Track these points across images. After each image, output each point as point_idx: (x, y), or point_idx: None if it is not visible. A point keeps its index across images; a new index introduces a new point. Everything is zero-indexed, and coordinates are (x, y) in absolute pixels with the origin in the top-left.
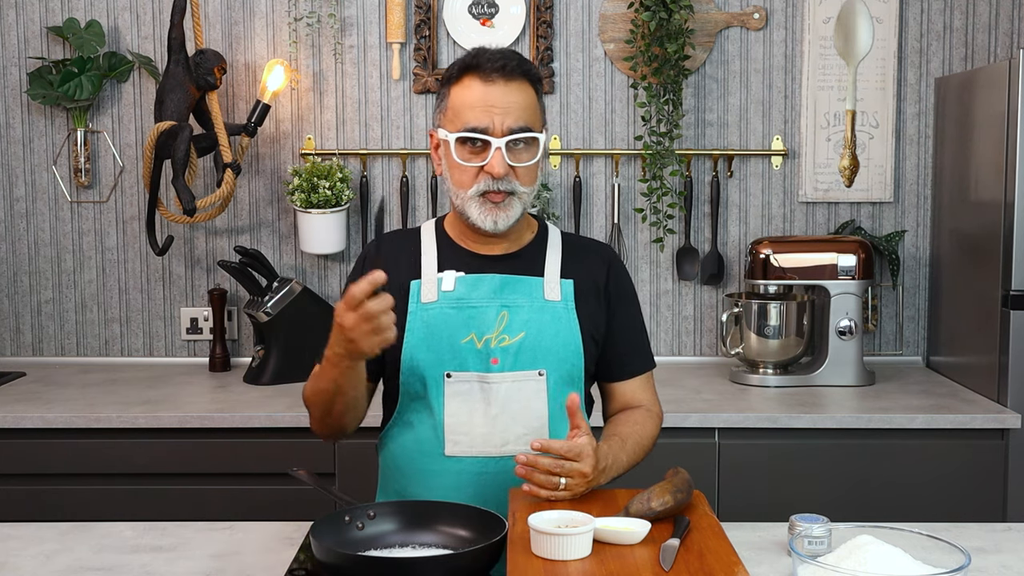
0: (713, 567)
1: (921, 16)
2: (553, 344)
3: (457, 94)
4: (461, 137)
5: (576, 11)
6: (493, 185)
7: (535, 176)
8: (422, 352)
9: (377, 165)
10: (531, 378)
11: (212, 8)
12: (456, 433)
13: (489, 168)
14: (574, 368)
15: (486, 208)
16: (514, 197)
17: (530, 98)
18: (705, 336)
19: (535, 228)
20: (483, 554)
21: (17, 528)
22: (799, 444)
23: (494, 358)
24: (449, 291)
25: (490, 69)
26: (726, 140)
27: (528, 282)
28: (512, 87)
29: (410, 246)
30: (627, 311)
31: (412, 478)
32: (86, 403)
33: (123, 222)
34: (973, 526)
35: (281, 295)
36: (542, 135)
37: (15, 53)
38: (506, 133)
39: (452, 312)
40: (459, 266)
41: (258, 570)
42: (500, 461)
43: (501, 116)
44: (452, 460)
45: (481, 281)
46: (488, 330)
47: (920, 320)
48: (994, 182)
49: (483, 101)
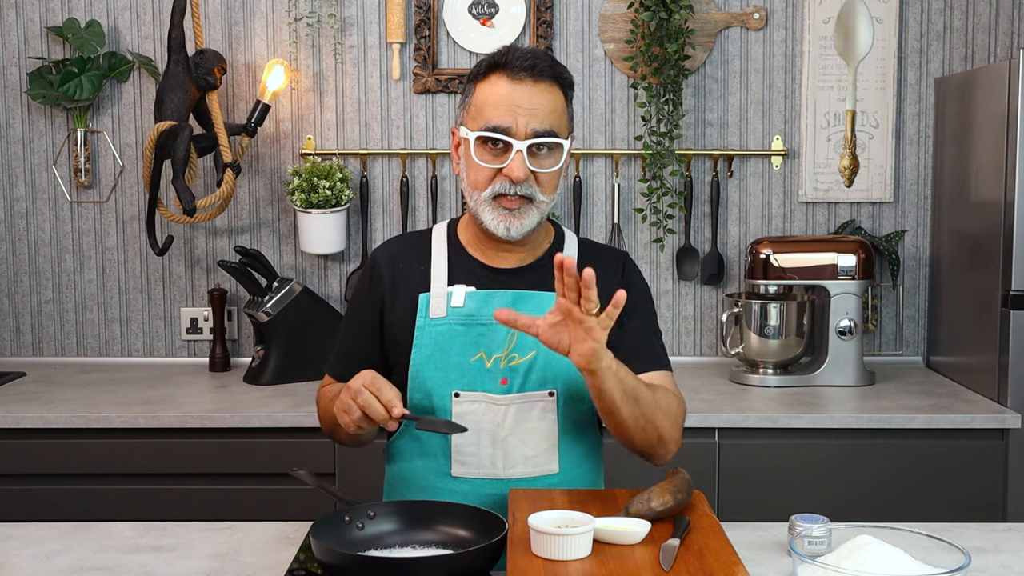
0: (713, 567)
1: (921, 16)
2: (564, 363)
3: (482, 91)
4: (482, 136)
5: (576, 11)
6: (510, 189)
7: (556, 184)
8: (429, 370)
9: (377, 165)
10: (541, 399)
11: (212, 8)
12: (463, 454)
13: (508, 171)
14: (584, 386)
15: (500, 214)
16: (531, 205)
17: (558, 102)
18: (705, 336)
19: (552, 237)
20: (483, 554)
21: (17, 528)
22: (799, 444)
23: (503, 378)
24: (459, 307)
25: (518, 67)
26: (726, 140)
27: (539, 298)
28: (540, 88)
29: (420, 254)
30: (638, 314)
31: (419, 494)
32: (86, 403)
33: (123, 222)
34: (973, 526)
35: (281, 295)
36: (567, 141)
37: (15, 53)
38: (529, 136)
39: (461, 329)
40: (470, 279)
41: (258, 570)
42: (508, 483)
43: (526, 117)
44: (459, 481)
45: (492, 297)
46: (498, 349)
47: (920, 320)
48: (994, 182)
49: (508, 100)
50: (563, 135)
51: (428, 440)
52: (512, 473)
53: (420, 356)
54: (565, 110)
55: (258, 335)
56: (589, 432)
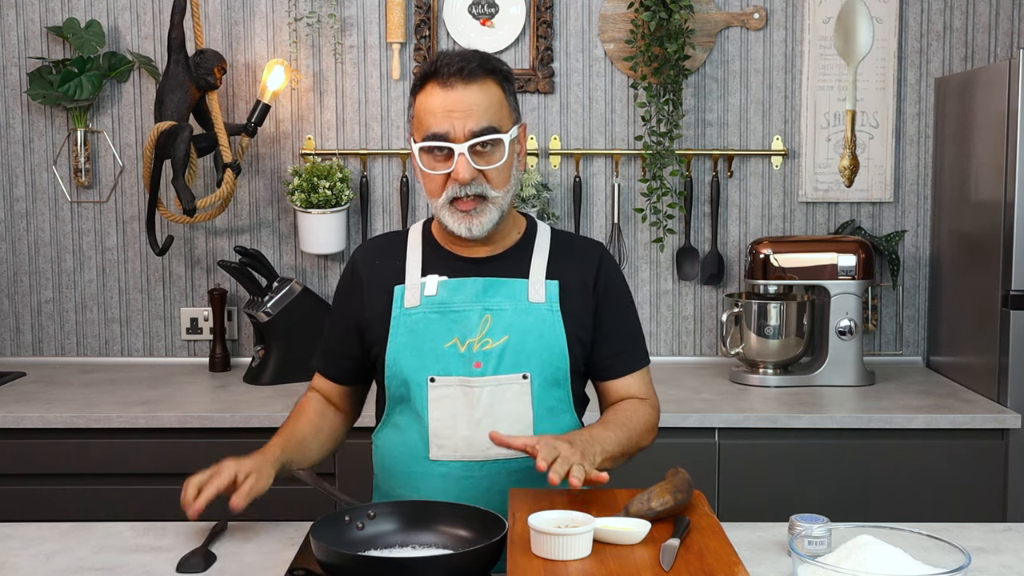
0: (713, 567)
1: (921, 16)
2: (537, 346)
3: (420, 103)
4: (424, 146)
5: (576, 11)
6: (461, 191)
7: (508, 176)
8: (405, 357)
9: (377, 165)
10: (515, 381)
11: (212, 8)
12: (440, 437)
13: (454, 175)
14: (558, 370)
15: (458, 216)
16: (486, 202)
17: (493, 96)
18: (705, 336)
19: (522, 227)
20: (483, 554)
21: (17, 528)
22: (799, 444)
23: (477, 362)
24: (432, 296)
25: (447, 74)
26: (726, 140)
27: (512, 284)
28: (472, 89)
29: (396, 250)
30: (617, 308)
31: (400, 480)
32: (86, 403)
33: (123, 222)
34: (973, 526)
35: (281, 295)
36: (509, 134)
37: (15, 53)
38: (468, 137)
39: (435, 317)
40: (442, 270)
41: (258, 570)
42: (485, 465)
43: (462, 120)
44: (437, 464)
45: (463, 285)
46: (471, 334)
47: (920, 320)
48: (994, 182)
49: (443, 107)
50: (504, 128)
51: (406, 426)
52: (489, 455)
53: (396, 345)
54: (504, 102)
55: (258, 335)
56: (565, 417)
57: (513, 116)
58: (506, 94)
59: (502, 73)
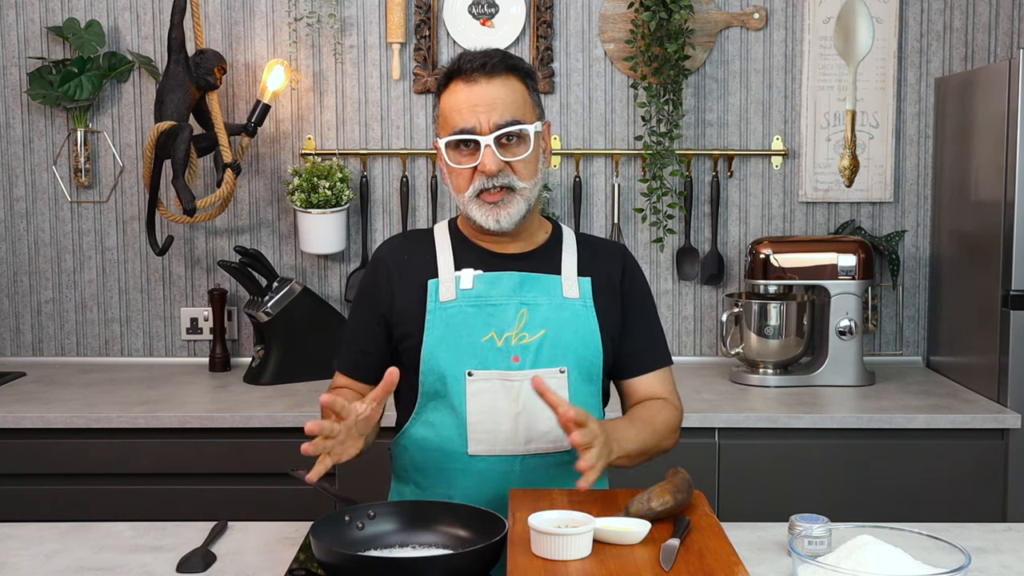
0: (713, 567)
1: (921, 16)
2: (573, 341)
3: (445, 100)
4: (451, 141)
5: (576, 11)
6: (488, 183)
7: (534, 169)
8: (442, 351)
9: (377, 165)
10: (552, 375)
11: (212, 8)
12: (479, 432)
13: (481, 167)
14: (593, 366)
15: (485, 208)
16: (514, 193)
17: (517, 91)
18: (705, 336)
19: (549, 229)
20: (483, 554)
21: (17, 528)
22: (799, 444)
23: (515, 356)
24: (468, 289)
25: (471, 69)
26: (726, 140)
27: (546, 280)
28: (495, 83)
29: (424, 246)
30: (641, 308)
31: (434, 477)
32: (86, 403)
33: (123, 222)
34: (973, 526)
35: (281, 295)
36: (534, 126)
37: (15, 53)
38: (493, 129)
39: (472, 310)
40: (476, 264)
41: (258, 570)
42: (525, 459)
43: (486, 113)
44: (476, 459)
45: (500, 279)
46: (508, 327)
47: (920, 320)
48: (994, 182)
49: (468, 102)
50: (528, 121)
51: (441, 422)
52: (529, 448)
53: (432, 339)
54: (528, 98)
55: (258, 335)
56: (595, 414)
57: (536, 112)
58: (529, 90)
59: (524, 70)
